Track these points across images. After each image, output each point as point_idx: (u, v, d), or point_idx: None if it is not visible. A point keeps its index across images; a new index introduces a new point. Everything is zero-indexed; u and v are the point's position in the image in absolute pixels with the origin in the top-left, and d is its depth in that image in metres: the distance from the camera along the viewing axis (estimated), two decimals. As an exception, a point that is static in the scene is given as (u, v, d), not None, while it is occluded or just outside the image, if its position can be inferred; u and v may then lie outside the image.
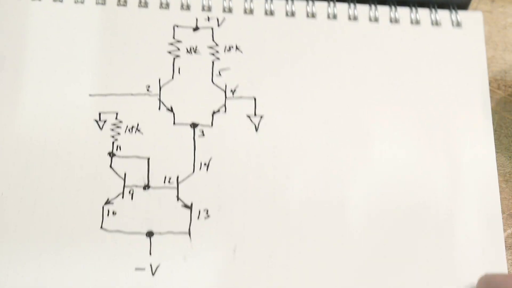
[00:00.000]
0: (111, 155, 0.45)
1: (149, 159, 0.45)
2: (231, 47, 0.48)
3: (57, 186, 0.44)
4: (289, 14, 0.50)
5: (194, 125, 0.46)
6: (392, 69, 0.48)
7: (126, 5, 0.49)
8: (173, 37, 0.48)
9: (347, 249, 0.43)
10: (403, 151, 0.46)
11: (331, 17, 0.50)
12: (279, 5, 0.50)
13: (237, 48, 0.48)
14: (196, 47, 0.48)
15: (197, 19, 0.49)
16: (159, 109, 0.46)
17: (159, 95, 0.47)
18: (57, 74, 0.47)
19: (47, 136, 0.45)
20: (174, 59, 0.48)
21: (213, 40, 0.49)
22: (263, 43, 0.49)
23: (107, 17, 0.49)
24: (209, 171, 0.45)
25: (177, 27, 0.49)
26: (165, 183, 0.44)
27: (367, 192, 0.45)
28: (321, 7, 0.50)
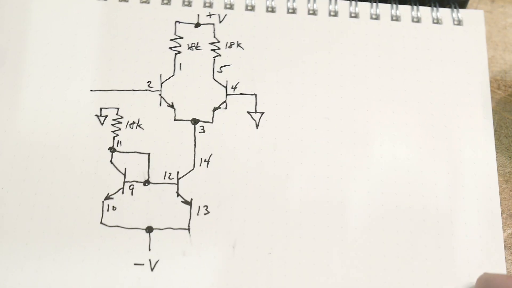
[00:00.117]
0: (112, 150, 0.45)
1: (149, 155, 0.45)
2: (232, 43, 0.48)
3: (57, 180, 0.44)
4: (291, 11, 0.50)
5: (194, 121, 0.46)
6: (393, 67, 0.48)
7: (127, 1, 0.49)
8: (175, 33, 0.48)
9: (346, 247, 0.43)
10: (404, 149, 0.46)
11: (332, 14, 0.50)
12: (280, 2, 0.50)
13: (238, 44, 0.48)
14: (197, 43, 0.48)
15: (198, 15, 0.49)
16: (160, 105, 0.46)
17: (160, 91, 0.47)
18: (59, 69, 0.47)
19: (48, 130, 0.45)
20: (175, 55, 0.48)
21: (214, 36, 0.49)
22: (264, 40, 0.49)
23: (108, 12, 0.49)
24: (209, 167, 0.45)
25: (179, 23, 0.49)
26: (165, 178, 0.44)
27: (367, 190, 0.45)
28: (322, 4, 0.50)
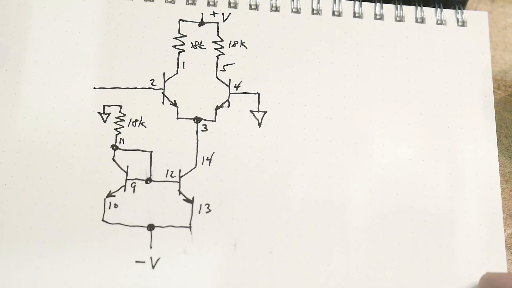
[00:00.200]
0: (114, 148, 0.45)
1: (151, 153, 0.45)
2: (235, 42, 0.48)
3: (59, 178, 0.44)
4: (294, 10, 0.50)
5: (197, 120, 0.46)
6: (396, 67, 0.48)
7: (132, -1, 0.50)
8: (178, 32, 0.48)
9: (347, 247, 0.43)
10: (406, 149, 0.46)
11: (336, 14, 0.50)
12: (284, 1, 0.50)
13: (241, 43, 0.48)
14: (201, 42, 0.48)
15: (202, 14, 0.49)
16: (163, 103, 0.46)
17: (163, 89, 0.47)
18: (62, 66, 0.47)
19: (51, 128, 0.45)
20: (178, 53, 0.48)
21: (218, 35, 0.49)
22: (267, 39, 0.49)
23: (112, 10, 0.49)
24: (212, 165, 0.45)
25: (183, 21, 0.49)
26: (167, 176, 0.44)
27: (369, 189, 0.45)
28: (326, 4, 0.50)
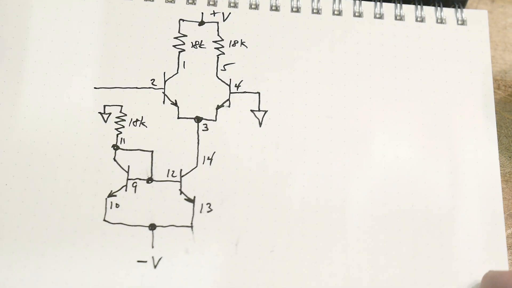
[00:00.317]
0: (115, 147, 0.45)
1: (152, 152, 0.45)
2: (236, 42, 0.48)
3: (60, 177, 0.44)
4: (294, 9, 0.50)
5: (198, 119, 0.46)
6: (396, 66, 0.48)
7: (132, -1, 0.50)
8: (179, 31, 0.49)
9: (348, 245, 0.43)
10: (406, 148, 0.46)
11: (336, 13, 0.50)
12: (284, 0, 0.50)
13: (242, 43, 0.48)
14: (201, 42, 0.48)
15: (202, 14, 0.49)
16: (164, 102, 0.46)
17: (164, 89, 0.47)
18: (63, 66, 0.47)
19: (52, 128, 0.45)
20: (179, 53, 0.48)
21: (218, 34, 0.49)
22: (268, 39, 0.49)
23: (112, 10, 0.49)
24: (213, 165, 0.45)
25: (183, 21, 0.49)
26: (168, 176, 0.44)
27: (369, 188, 0.45)
28: (326, 3, 0.50)
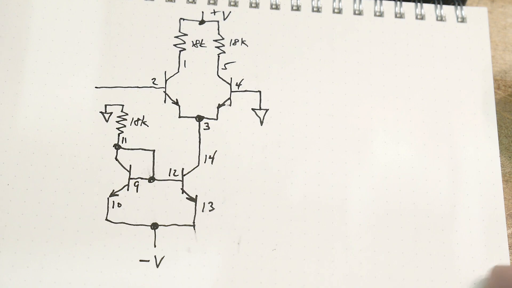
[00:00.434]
0: (117, 147, 0.45)
1: (154, 152, 0.45)
2: (236, 40, 0.49)
3: (62, 177, 0.44)
4: (295, 8, 0.50)
5: (199, 118, 0.46)
6: (396, 64, 0.48)
7: (132, -2, 0.50)
8: (179, 30, 0.49)
9: (351, 243, 0.43)
10: (407, 146, 0.46)
11: (336, 11, 0.50)
12: (284, -1, 0.50)
13: (242, 41, 0.48)
14: (201, 41, 0.48)
15: (203, 13, 0.49)
16: (165, 102, 0.46)
17: (165, 88, 0.47)
18: (63, 66, 0.47)
19: (53, 127, 0.45)
20: (180, 52, 0.48)
21: (218, 33, 0.49)
22: (268, 37, 0.49)
23: (113, 10, 0.49)
24: (214, 164, 0.45)
25: (183, 20, 0.49)
26: (170, 175, 0.44)
27: (371, 186, 0.45)
28: (326, 1, 0.50)
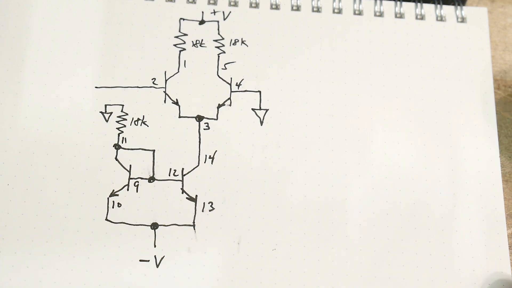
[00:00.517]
0: (117, 147, 0.45)
1: (154, 152, 0.45)
2: (236, 40, 0.49)
3: (62, 177, 0.44)
4: (295, 8, 0.50)
5: (199, 118, 0.46)
6: (396, 64, 0.48)
7: (132, -2, 0.50)
8: (179, 30, 0.49)
9: (351, 243, 0.43)
10: (407, 146, 0.46)
11: (336, 11, 0.50)
12: (284, -1, 0.50)
13: (242, 41, 0.49)
14: (201, 41, 0.48)
15: (203, 13, 0.49)
16: (165, 101, 0.46)
17: (165, 88, 0.47)
18: (63, 66, 0.47)
19: (53, 127, 0.45)
20: (180, 52, 0.48)
21: (218, 33, 0.49)
22: (268, 37, 0.49)
23: (113, 10, 0.49)
24: (214, 164, 0.45)
25: (183, 20, 0.49)
26: (170, 175, 0.44)
27: (371, 186, 0.45)
28: (326, 1, 0.50)
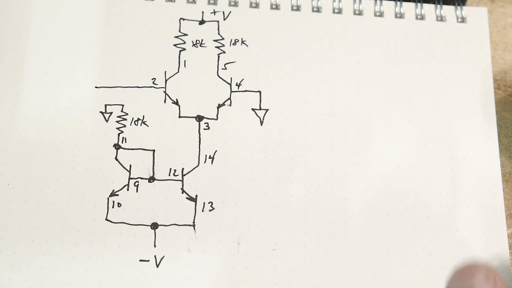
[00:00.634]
0: (117, 147, 0.45)
1: (154, 152, 0.45)
2: (236, 40, 0.49)
3: (62, 177, 0.44)
4: (295, 8, 0.50)
5: (199, 118, 0.46)
6: (396, 64, 0.48)
7: (132, -2, 0.50)
8: (179, 30, 0.49)
9: (351, 243, 0.43)
10: (407, 146, 0.46)
11: (336, 11, 0.50)
12: (284, -1, 0.50)
13: (242, 41, 0.49)
14: (201, 41, 0.48)
15: (203, 13, 0.49)
16: (165, 101, 0.46)
17: (165, 88, 0.47)
18: (63, 66, 0.47)
19: (53, 127, 0.45)
20: (180, 52, 0.48)
21: (218, 33, 0.49)
22: (268, 37, 0.49)
23: (113, 9, 0.49)
24: (214, 164, 0.45)
25: (183, 20, 0.49)
26: (170, 175, 0.44)
27: (371, 186, 0.45)
28: (326, 1, 0.50)
